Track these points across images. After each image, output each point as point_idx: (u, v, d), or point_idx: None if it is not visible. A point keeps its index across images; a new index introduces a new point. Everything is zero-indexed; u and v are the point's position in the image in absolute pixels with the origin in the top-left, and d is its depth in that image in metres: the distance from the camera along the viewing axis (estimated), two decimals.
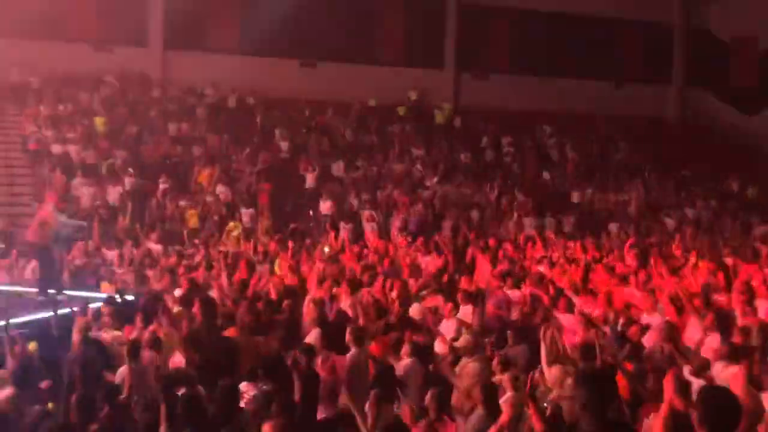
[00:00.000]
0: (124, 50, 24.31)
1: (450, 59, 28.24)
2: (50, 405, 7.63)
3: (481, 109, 26.66)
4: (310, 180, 21.61)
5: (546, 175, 24.55)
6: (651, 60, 30.26)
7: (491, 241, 16.67)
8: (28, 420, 7.14)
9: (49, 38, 23.23)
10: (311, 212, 20.24)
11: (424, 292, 11.91)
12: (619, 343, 8.54)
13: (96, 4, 24.24)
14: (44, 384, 8.27)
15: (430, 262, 14.37)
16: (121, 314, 10.63)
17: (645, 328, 9.09)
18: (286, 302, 10.63)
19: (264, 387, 7.22)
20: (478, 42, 28.28)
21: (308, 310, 10.33)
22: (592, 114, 27.79)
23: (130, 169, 19.68)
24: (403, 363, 8.21)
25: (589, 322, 9.34)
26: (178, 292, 11.49)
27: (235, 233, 17.76)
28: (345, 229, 18.43)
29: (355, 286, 11.56)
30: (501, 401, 6.44)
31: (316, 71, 26.43)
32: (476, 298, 10.85)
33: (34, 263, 13.56)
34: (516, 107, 26.84)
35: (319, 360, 8.13)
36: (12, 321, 10.43)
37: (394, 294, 11.33)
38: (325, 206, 20.16)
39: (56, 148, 20.16)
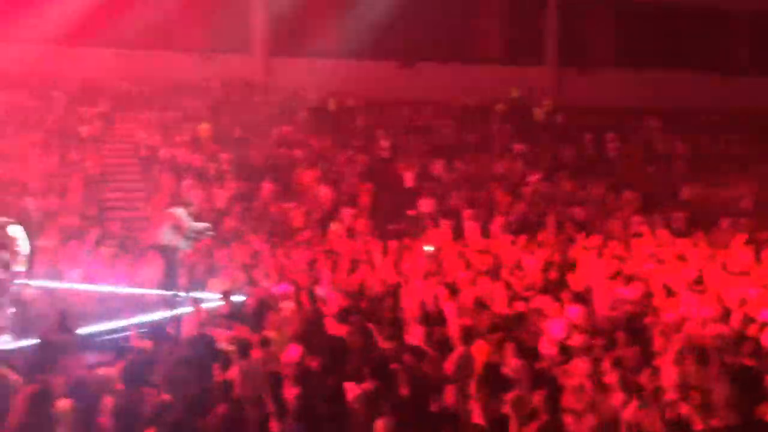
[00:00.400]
0: (228, 58, 24.99)
1: (551, 55, 27.73)
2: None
3: (583, 104, 26.04)
4: (409, 179, 21.66)
5: (653, 170, 23.84)
6: (760, 49, 28.91)
7: (597, 239, 16.28)
8: (145, 412, 7.39)
9: (156, 48, 24.11)
10: (411, 212, 20.24)
11: (529, 292, 11.74)
12: (738, 341, 8.20)
13: (201, 15, 24.98)
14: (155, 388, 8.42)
15: (534, 261, 14.12)
16: (232, 314, 10.91)
17: (764, 325, 8.72)
18: (388, 301, 10.69)
19: (370, 387, 7.26)
20: (580, 36, 27.69)
21: (411, 308, 10.35)
22: (701, 107, 26.76)
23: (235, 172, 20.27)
24: (511, 362, 8.10)
25: (701, 321, 9.03)
26: (284, 291, 11.71)
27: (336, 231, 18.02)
28: (446, 228, 18.37)
29: (458, 285, 11.51)
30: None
31: (415, 71, 26.43)
32: (584, 298, 10.64)
33: (154, 264, 13.97)
34: (620, 102, 26.08)
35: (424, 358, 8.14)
36: (129, 322, 10.88)
37: (498, 293, 11.23)
38: (426, 205, 20.14)
39: (165, 153, 20.87)
